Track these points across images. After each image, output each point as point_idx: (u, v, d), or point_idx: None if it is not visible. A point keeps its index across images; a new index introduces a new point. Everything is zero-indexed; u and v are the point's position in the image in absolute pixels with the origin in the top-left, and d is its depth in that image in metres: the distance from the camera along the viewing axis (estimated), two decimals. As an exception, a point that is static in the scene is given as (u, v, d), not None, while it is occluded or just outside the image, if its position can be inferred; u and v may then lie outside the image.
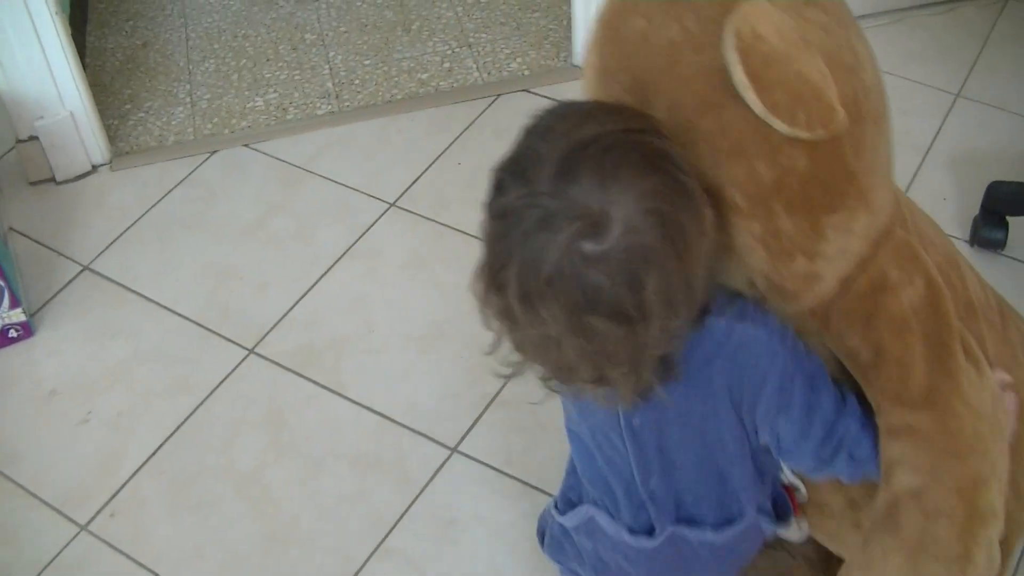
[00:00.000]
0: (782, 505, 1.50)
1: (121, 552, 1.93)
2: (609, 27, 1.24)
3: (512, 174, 1.12)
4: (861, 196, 1.20)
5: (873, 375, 1.28)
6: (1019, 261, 2.30)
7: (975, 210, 2.33)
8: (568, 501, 1.55)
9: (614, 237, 1.07)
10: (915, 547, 1.26)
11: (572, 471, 1.54)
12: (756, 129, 1.12)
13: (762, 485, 1.45)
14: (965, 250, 2.31)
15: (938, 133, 2.55)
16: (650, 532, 1.43)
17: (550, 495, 1.92)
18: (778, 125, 1.11)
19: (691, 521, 1.42)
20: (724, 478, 1.39)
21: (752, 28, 1.09)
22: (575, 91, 2.52)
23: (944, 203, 2.41)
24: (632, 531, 1.44)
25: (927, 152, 2.51)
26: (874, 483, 1.30)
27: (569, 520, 1.53)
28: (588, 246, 1.07)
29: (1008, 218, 2.30)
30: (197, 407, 2.11)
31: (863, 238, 1.23)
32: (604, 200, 1.07)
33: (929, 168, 2.48)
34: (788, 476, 1.50)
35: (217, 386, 2.14)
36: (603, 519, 1.47)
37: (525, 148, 1.13)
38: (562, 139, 1.10)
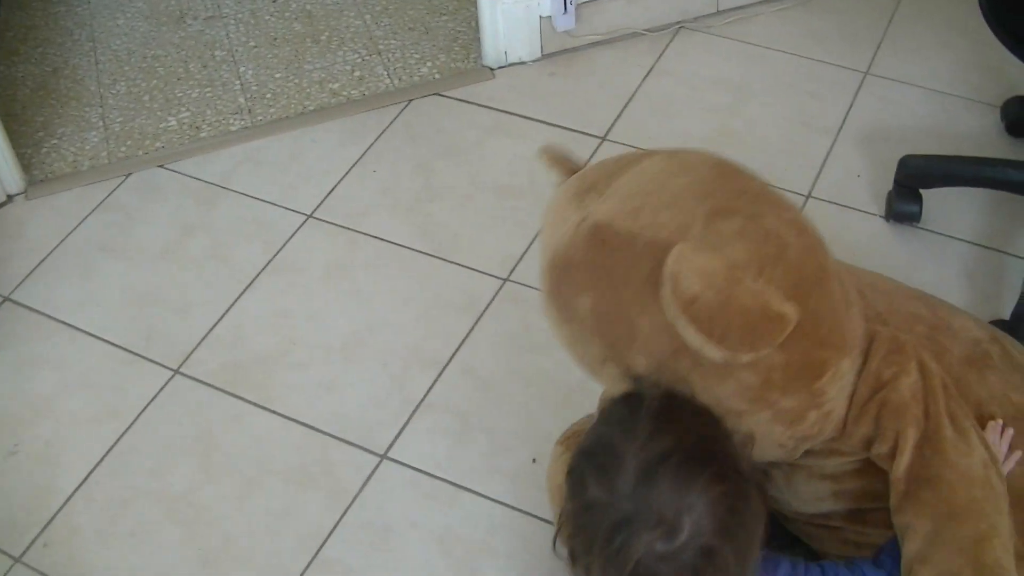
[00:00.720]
0: None
1: (57, 582, 1.93)
2: (562, 309, 1.33)
3: (593, 468, 1.24)
4: (837, 348, 1.30)
5: (890, 464, 1.38)
6: (935, 233, 2.33)
7: (889, 185, 2.36)
8: None
9: (684, 538, 1.18)
10: None
11: None
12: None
13: None
14: (882, 226, 2.34)
15: (849, 112, 2.58)
16: None
17: (482, 496, 1.95)
18: (744, 359, 1.22)
19: None
20: None
21: (685, 292, 1.19)
22: (487, 92, 2.56)
23: (858, 180, 2.44)
24: None
25: (839, 131, 2.54)
26: None
27: None
28: (660, 546, 1.18)
29: (921, 191, 2.33)
30: (125, 432, 2.10)
31: (853, 370, 1.34)
32: (679, 508, 1.19)
33: (842, 147, 2.51)
34: None
35: (144, 409, 2.13)
36: None
37: (607, 443, 1.25)
38: (643, 445, 1.22)
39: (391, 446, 2.04)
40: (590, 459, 1.25)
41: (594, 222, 1.29)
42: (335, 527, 1.94)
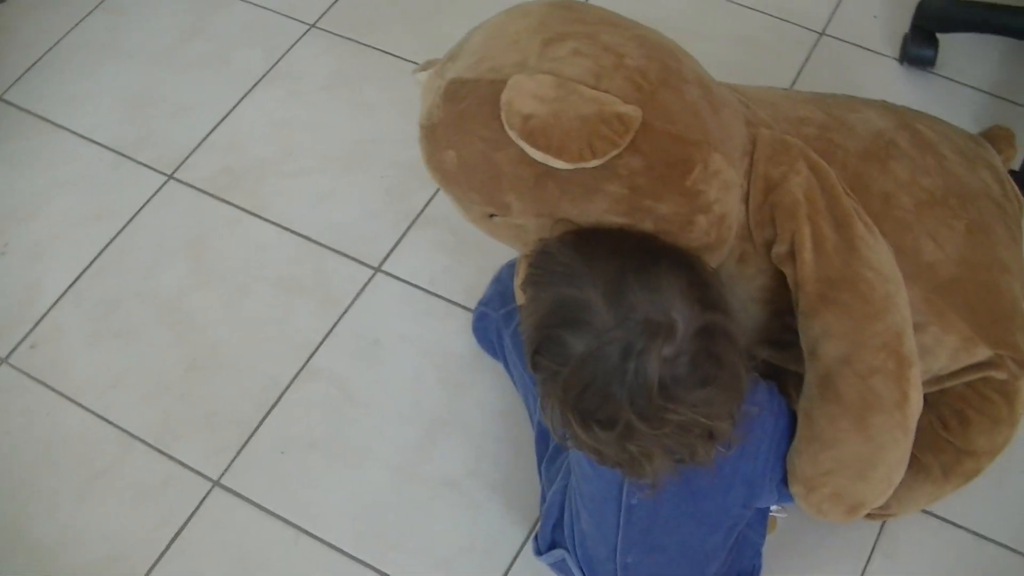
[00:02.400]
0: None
1: (43, 383, 1.92)
2: (436, 169, 1.37)
3: (566, 326, 1.22)
4: (700, 144, 1.29)
5: (790, 264, 1.38)
6: (948, 79, 2.28)
7: (906, 27, 2.30)
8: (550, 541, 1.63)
9: (681, 329, 1.19)
10: (859, 406, 1.38)
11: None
12: (584, 170, 1.23)
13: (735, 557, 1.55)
14: (895, 68, 2.29)
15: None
16: None
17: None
18: (592, 164, 1.22)
19: None
20: (702, 563, 1.50)
21: (519, 113, 1.21)
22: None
23: (875, 21, 2.38)
24: None
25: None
26: None
27: (545, 559, 1.62)
28: (668, 349, 1.18)
29: (938, 35, 2.28)
30: (116, 235, 2.08)
31: (730, 165, 1.33)
32: (661, 307, 1.20)
33: (859, -15, 2.45)
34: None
35: (136, 213, 2.10)
36: (575, 570, 1.56)
37: (560, 299, 1.24)
38: (591, 277, 1.22)
39: (386, 259, 2.01)
40: (554, 324, 1.24)
41: (446, 81, 1.32)
42: (326, 337, 1.92)
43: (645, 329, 1.18)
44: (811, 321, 1.39)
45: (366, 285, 1.98)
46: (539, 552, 1.63)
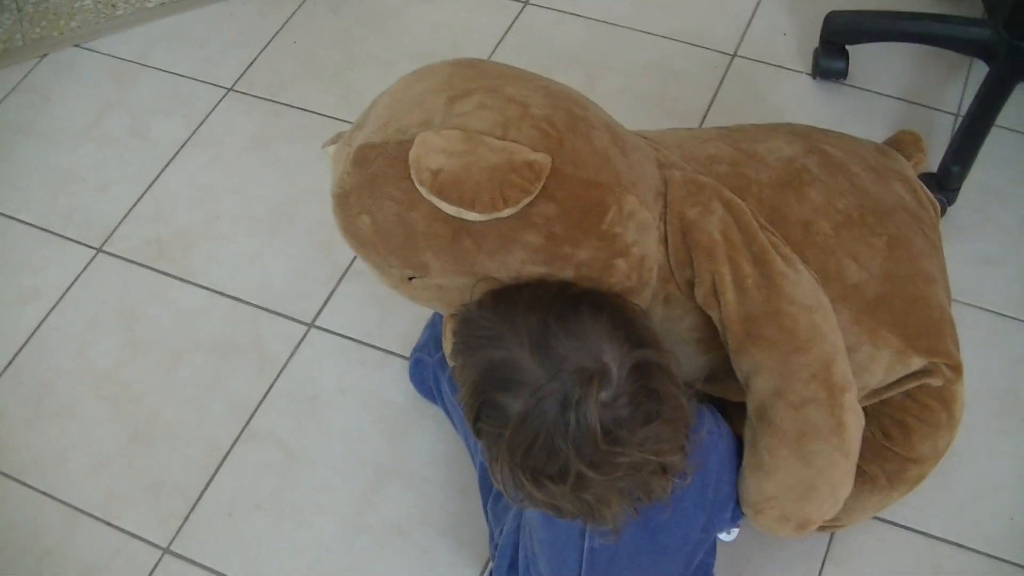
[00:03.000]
0: None
1: (-15, 467, 1.91)
2: (352, 236, 1.37)
3: (500, 389, 1.22)
4: (613, 187, 1.30)
5: (714, 304, 1.40)
6: (861, 89, 2.32)
7: (815, 42, 2.34)
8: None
9: (615, 372, 1.19)
10: (795, 436, 1.40)
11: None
12: (499, 221, 1.24)
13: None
14: (808, 83, 2.33)
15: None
16: None
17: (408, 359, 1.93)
18: (505, 214, 1.23)
19: None
20: None
21: (428, 168, 1.22)
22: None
23: (784, 38, 2.42)
24: None
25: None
26: None
27: None
28: (605, 394, 1.18)
29: (847, 47, 2.32)
30: (48, 313, 2.07)
31: (645, 207, 1.34)
32: (590, 354, 1.19)
33: (767, 6, 2.49)
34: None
35: (67, 290, 2.10)
36: None
37: (489, 363, 1.23)
38: (516, 335, 1.22)
39: (318, 314, 2.02)
40: (488, 388, 1.23)
41: (355, 148, 1.32)
42: (264, 397, 1.93)
43: (578, 378, 1.18)
44: (741, 358, 1.41)
45: (301, 342, 1.99)
46: None
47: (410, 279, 1.36)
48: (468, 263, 1.29)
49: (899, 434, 1.59)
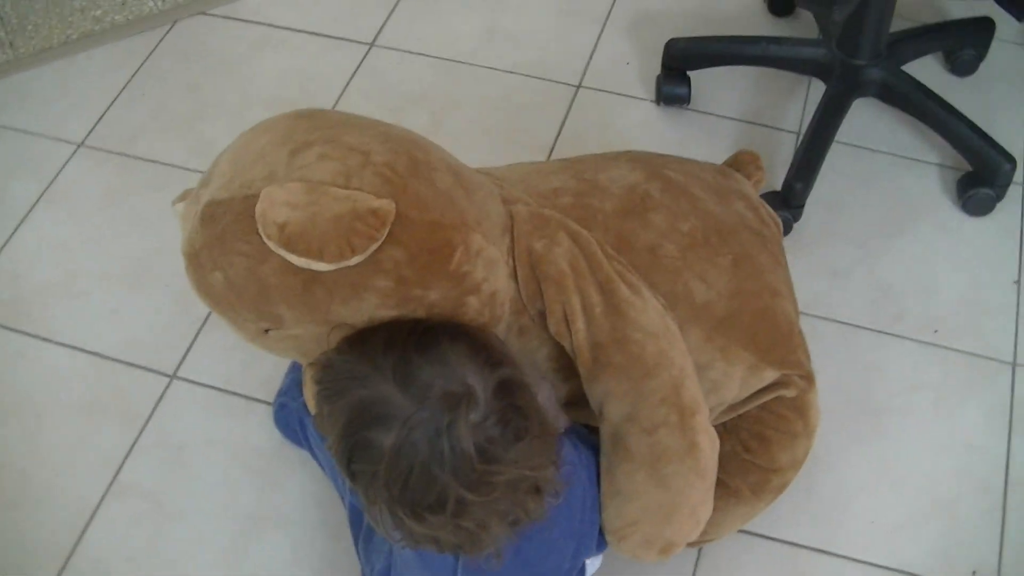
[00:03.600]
0: None
1: None
2: (206, 294, 1.38)
3: (372, 425, 1.23)
4: (458, 227, 1.32)
5: (566, 334, 1.44)
6: (705, 113, 2.39)
7: (658, 70, 2.40)
8: None
9: (480, 392, 1.23)
10: (650, 460, 1.44)
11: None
12: (349, 269, 1.26)
13: None
14: (653, 109, 2.39)
15: (615, 1, 2.61)
16: None
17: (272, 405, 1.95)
18: (354, 261, 1.25)
19: None
20: None
21: (274, 222, 1.23)
22: (251, 7, 2.53)
23: (628, 67, 2.48)
24: None
25: (606, 21, 2.57)
26: None
27: None
28: (474, 415, 1.21)
29: (689, 73, 2.38)
30: (-94, 380, 2.05)
31: (491, 243, 1.37)
32: (455, 379, 1.23)
33: (610, 34, 2.54)
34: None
35: (-78, 355, 2.08)
36: None
37: (355, 403, 1.25)
38: (378, 372, 1.24)
39: (180, 365, 2.03)
40: (358, 428, 1.25)
41: (202, 205, 1.33)
42: (129, 451, 1.92)
43: (447, 403, 1.20)
44: (593, 385, 1.45)
45: (164, 394, 1.99)
46: None
47: (266, 331, 1.38)
48: (322, 312, 1.31)
49: (758, 446, 1.64)
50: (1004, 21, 2.34)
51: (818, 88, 2.29)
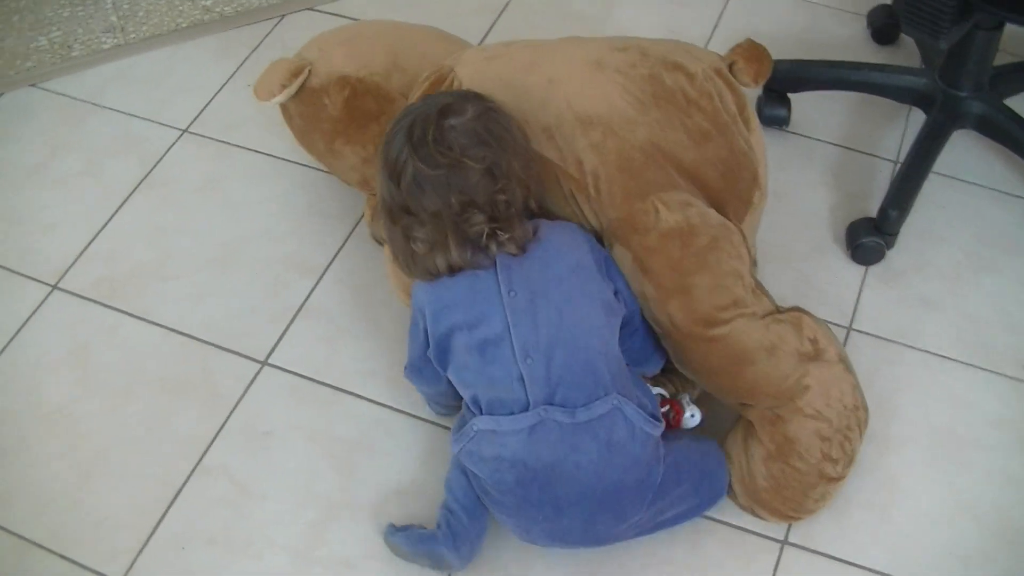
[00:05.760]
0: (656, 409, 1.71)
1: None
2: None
3: (400, 133, 1.65)
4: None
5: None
6: (803, 136, 2.39)
7: (759, 91, 2.40)
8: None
9: (470, 113, 1.65)
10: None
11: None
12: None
13: (628, 373, 1.68)
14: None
15: (719, 19, 2.62)
16: (525, 408, 1.60)
17: (361, 397, 1.98)
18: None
19: (563, 405, 1.59)
20: (589, 349, 1.62)
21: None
22: (358, 5, 2.55)
23: (729, 86, 2.47)
24: (511, 413, 1.61)
25: (709, 39, 2.57)
26: None
27: (456, 444, 1.69)
28: (454, 120, 1.64)
29: (789, 95, 2.38)
30: (1, 351, 2.09)
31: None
32: (456, 103, 1.67)
33: (712, 54, 2.54)
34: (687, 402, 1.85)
35: (20, 328, 2.12)
36: (481, 421, 1.63)
37: (396, 125, 1.69)
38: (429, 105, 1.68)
39: (271, 352, 2.05)
40: (397, 138, 1.65)
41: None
42: (217, 434, 1.95)
43: (437, 106, 1.65)
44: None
45: (254, 379, 2.02)
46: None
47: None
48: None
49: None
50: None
51: (918, 117, 2.29)
